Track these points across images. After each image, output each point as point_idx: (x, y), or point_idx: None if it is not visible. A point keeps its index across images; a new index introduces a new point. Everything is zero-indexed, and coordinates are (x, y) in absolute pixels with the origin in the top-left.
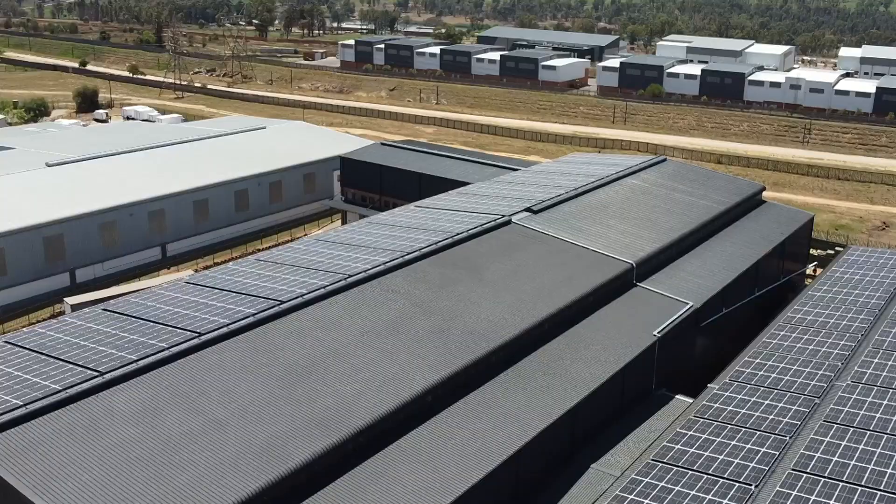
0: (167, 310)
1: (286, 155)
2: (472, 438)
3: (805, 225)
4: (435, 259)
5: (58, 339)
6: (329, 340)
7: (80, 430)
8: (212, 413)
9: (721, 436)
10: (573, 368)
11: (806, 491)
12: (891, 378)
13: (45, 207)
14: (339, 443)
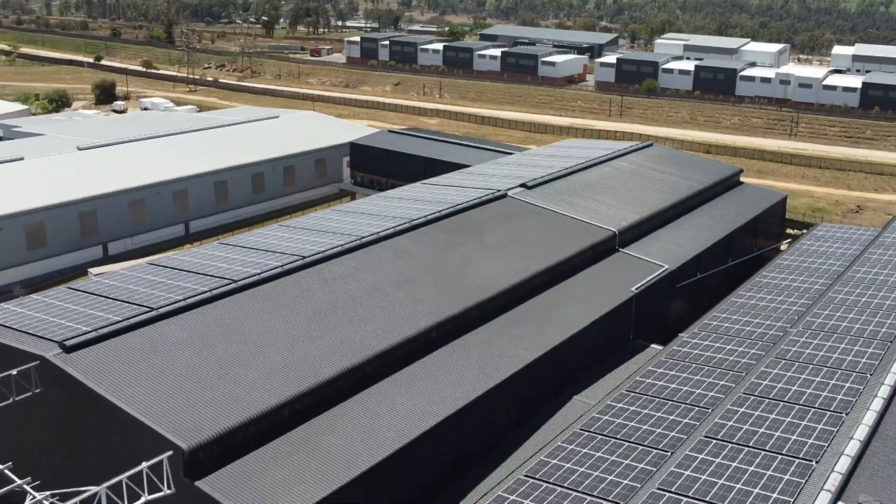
0: (205, 263)
1: (298, 141)
2: (470, 367)
3: (778, 204)
4: (438, 225)
5: (112, 286)
6: (346, 289)
7: (143, 351)
8: (252, 341)
9: (687, 372)
10: (559, 315)
11: (752, 408)
12: (836, 325)
13: (80, 186)
14: (358, 364)
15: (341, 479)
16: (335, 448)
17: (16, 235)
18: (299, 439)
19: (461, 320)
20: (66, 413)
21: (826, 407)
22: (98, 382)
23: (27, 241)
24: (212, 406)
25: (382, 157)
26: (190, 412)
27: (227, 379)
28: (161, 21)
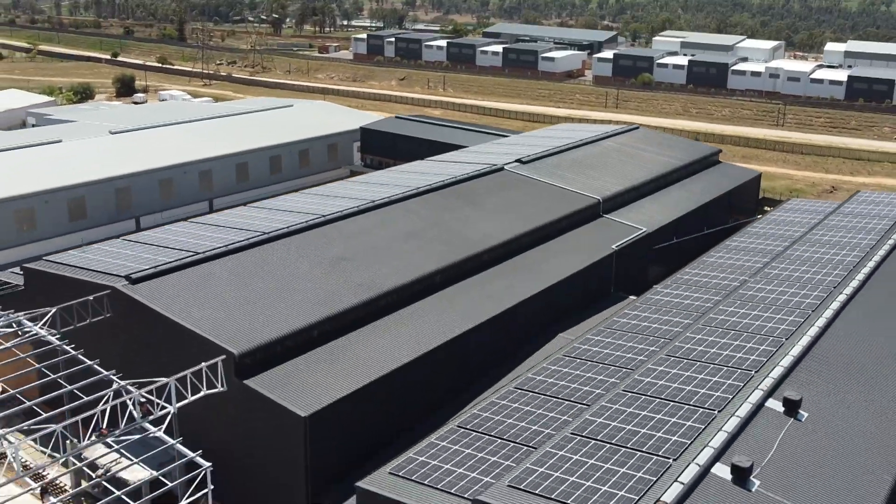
0: (237, 220)
1: (312, 128)
2: (469, 303)
3: (752, 180)
4: (441, 192)
5: (161, 237)
6: (362, 241)
7: (193, 283)
8: (282, 278)
9: (657, 312)
10: (547, 266)
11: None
12: (786, 276)
13: (115, 165)
14: (374, 297)
15: (362, 381)
16: (357, 359)
17: (59, 208)
18: (326, 353)
19: (461, 267)
20: (136, 332)
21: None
22: (161, 306)
23: (69, 213)
24: (254, 324)
25: (391, 140)
26: (237, 328)
27: (264, 305)
28: (170, 20)
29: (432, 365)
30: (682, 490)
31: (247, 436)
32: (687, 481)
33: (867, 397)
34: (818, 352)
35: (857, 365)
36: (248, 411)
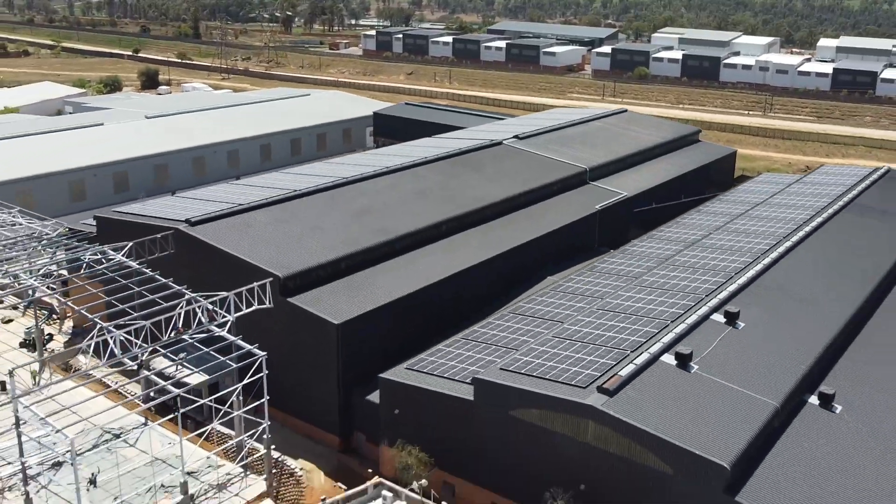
0: (271, 182)
1: (328, 114)
2: (470, 248)
3: (728, 156)
4: (446, 161)
5: (206, 194)
6: (378, 198)
7: (241, 226)
8: (314, 224)
9: (631, 259)
10: (539, 221)
11: (671, 271)
12: (744, 230)
13: (153, 145)
14: (390, 240)
15: (381, 302)
16: (376, 285)
17: (106, 181)
18: (351, 280)
19: (464, 220)
20: (195, 264)
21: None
22: (218, 242)
23: (115, 186)
24: (293, 256)
25: (401, 124)
26: (279, 258)
27: (300, 243)
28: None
29: (439, 293)
30: (635, 369)
31: (289, 343)
32: (639, 363)
33: (793, 312)
34: (760, 282)
35: (791, 291)
36: (290, 323)
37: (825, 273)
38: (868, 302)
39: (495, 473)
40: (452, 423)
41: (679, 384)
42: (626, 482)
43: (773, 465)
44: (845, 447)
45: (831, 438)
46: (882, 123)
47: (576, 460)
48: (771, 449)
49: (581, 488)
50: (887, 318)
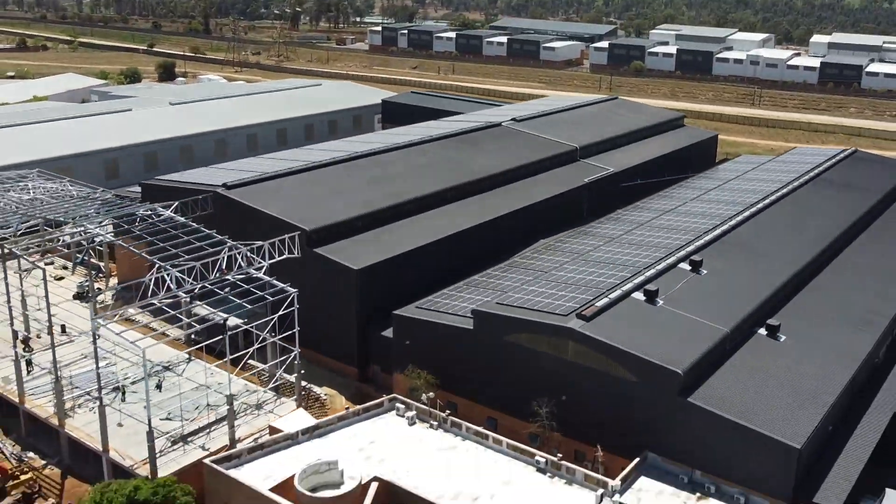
0: (294, 155)
1: (339, 102)
2: (471, 211)
3: (709, 139)
4: (450, 139)
5: (237, 165)
6: (391, 169)
7: (271, 190)
8: (334, 189)
9: (615, 223)
10: (533, 191)
11: (649, 231)
12: (717, 199)
13: (179, 128)
14: (401, 202)
15: (393, 253)
16: (389, 240)
17: (137, 160)
18: (367, 236)
19: (466, 189)
20: (231, 222)
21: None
22: (251, 202)
23: (144, 164)
24: (317, 214)
25: (408, 110)
26: (305, 215)
27: (323, 204)
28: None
29: (444, 248)
30: (609, 302)
31: (314, 288)
32: (612, 298)
33: (751, 263)
34: (725, 239)
35: (750, 247)
36: (315, 270)
37: (783, 234)
38: (818, 258)
39: (491, 391)
40: (455, 350)
41: (646, 314)
42: (599, 391)
43: (722, 376)
44: (785, 366)
45: (774, 359)
46: (866, 114)
47: (558, 375)
48: (722, 365)
49: (563, 398)
50: (834, 272)
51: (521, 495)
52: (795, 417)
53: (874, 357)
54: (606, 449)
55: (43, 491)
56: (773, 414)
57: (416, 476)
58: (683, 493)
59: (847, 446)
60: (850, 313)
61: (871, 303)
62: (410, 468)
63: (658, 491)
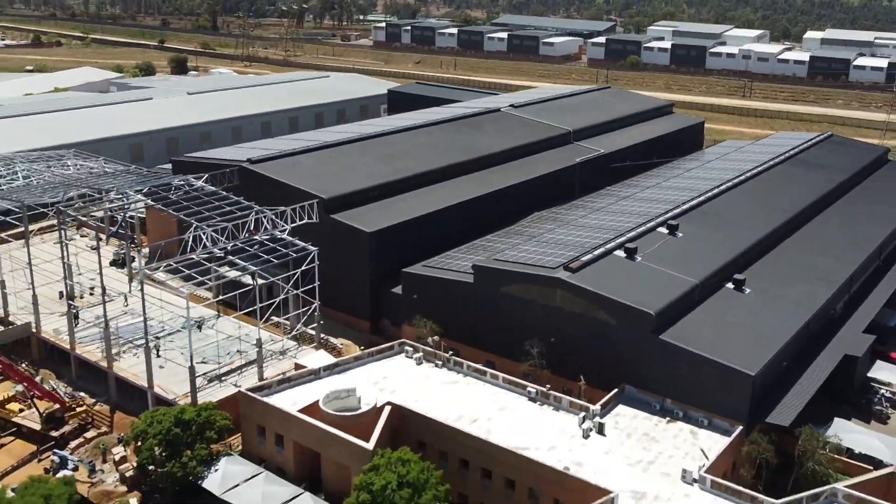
0: (310, 136)
1: (347, 92)
2: (471, 186)
3: (696, 125)
4: (452, 123)
5: (259, 144)
6: (398, 148)
7: (291, 165)
8: (347, 165)
9: (603, 197)
10: (529, 168)
11: (634, 203)
12: (699, 175)
13: (197, 115)
14: (408, 176)
15: (402, 219)
16: (398, 208)
17: (159, 144)
18: (379, 205)
19: (467, 165)
20: (255, 193)
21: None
22: (274, 174)
23: (166, 149)
24: (333, 185)
25: (412, 100)
26: (323, 186)
27: (339, 177)
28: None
29: (447, 216)
30: (592, 257)
31: (331, 250)
32: (596, 254)
33: (723, 228)
34: (701, 208)
35: (724, 215)
36: (332, 234)
37: (755, 205)
38: (786, 226)
39: (489, 337)
40: (457, 301)
41: (625, 268)
42: (583, 332)
43: (691, 319)
44: (746, 313)
45: (738, 307)
46: (852, 105)
47: (547, 320)
48: (691, 311)
49: (552, 340)
50: (800, 239)
51: (515, 418)
52: (752, 352)
53: (830, 309)
54: (589, 383)
55: (95, 422)
56: (732, 349)
57: (424, 403)
58: (655, 417)
59: (799, 380)
60: (810, 272)
61: (831, 265)
62: (418, 398)
63: (633, 416)
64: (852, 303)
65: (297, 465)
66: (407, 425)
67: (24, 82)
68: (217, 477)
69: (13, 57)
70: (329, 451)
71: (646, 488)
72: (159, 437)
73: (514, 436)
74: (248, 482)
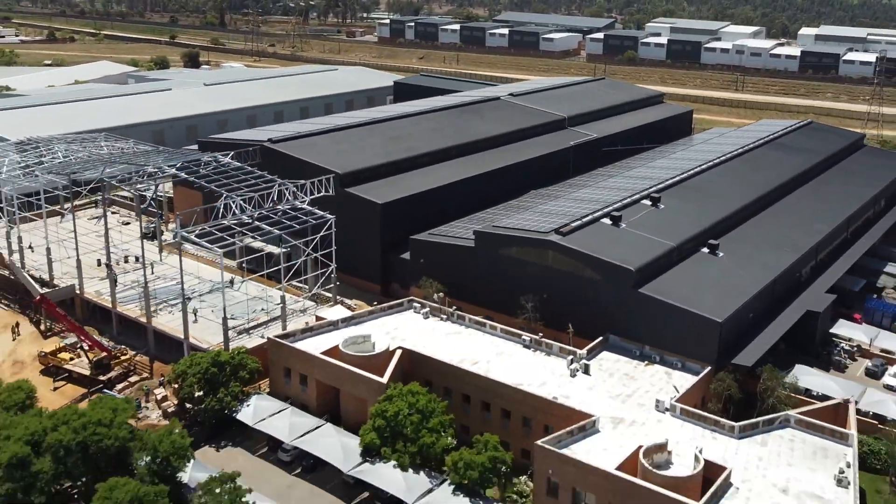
0: (321, 121)
1: (354, 84)
2: (473, 165)
3: (685, 113)
4: (455, 109)
5: (278, 127)
6: (406, 130)
7: (308, 144)
8: (359, 145)
9: (590, 178)
10: (526, 151)
11: (622, 180)
12: (683, 156)
13: (214, 105)
14: (416, 155)
15: (409, 193)
16: (406, 183)
17: (179, 131)
18: (388, 180)
19: (469, 147)
20: (275, 170)
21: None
22: (293, 152)
23: (186, 135)
24: (346, 161)
25: (418, 91)
26: (338, 162)
27: (352, 154)
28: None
29: (451, 191)
30: (581, 223)
31: (345, 221)
32: (584, 221)
33: (702, 201)
34: (683, 184)
35: (704, 190)
36: (347, 206)
37: (732, 182)
38: (760, 200)
39: (488, 295)
40: (460, 264)
41: (611, 233)
42: (571, 288)
43: (668, 276)
44: (718, 272)
45: (711, 268)
46: (841, 98)
47: (540, 279)
48: (669, 270)
49: (544, 296)
50: (773, 212)
51: (511, 361)
52: (721, 303)
53: (796, 273)
54: (577, 334)
55: (137, 369)
56: (703, 301)
57: (430, 349)
58: (635, 361)
59: (764, 331)
60: (780, 240)
61: (799, 235)
62: (425, 345)
63: (615, 360)
64: (819, 269)
65: (319, 401)
66: (415, 366)
67: (46, 75)
68: (249, 411)
69: (30, 52)
70: (348, 386)
71: (623, 415)
72: (198, 377)
73: (510, 375)
74: (276, 415)
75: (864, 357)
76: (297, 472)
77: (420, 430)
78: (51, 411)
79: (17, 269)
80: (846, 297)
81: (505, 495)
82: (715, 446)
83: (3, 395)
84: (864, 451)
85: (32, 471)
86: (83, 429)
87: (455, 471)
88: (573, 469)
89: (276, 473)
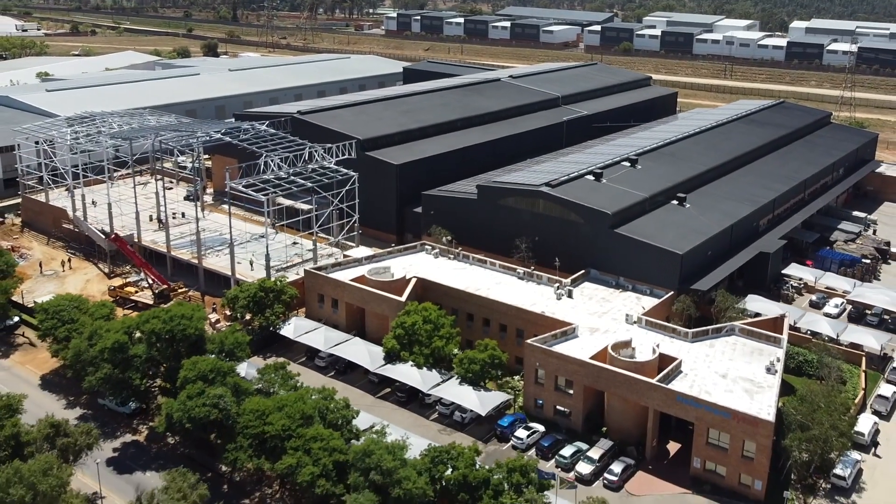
0: (342, 97)
1: (366, 70)
2: (476, 135)
3: (670, 95)
4: (459, 89)
5: (302, 103)
6: (416, 105)
7: (332, 115)
8: (377, 116)
9: (579, 149)
10: (522, 124)
11: (608, 148)
12: (663, 129)
13: (239, 87)
14: (425, 125)
15: (420, 156)
16: (418, 149)
17: (209, 111)
18: (402, 147)
19: (472, 120)
20: (305, 138)
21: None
22: (321, 122)
23: (215, 114)
24: (367, 129)
25: (426, 76)
26: (359, 130)
27: (371, 124)
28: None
29: (457, 156)
30: (568, 178)
31: (366, 181)
32: (571, 176)
33: (674, 163)
34: (659, 151)
35: (677, 155)
36: (368, 168)
37: (705, 149)
38: (727, 164)
39: (488, 240)
40: (464, 214)
41: (593, 187)
42: (558, 231)
43: (640, 221)
44: (684, 218)
45: (678, 216)
46: (824, 86)
47: (533, 224)
48: (641, 217)
49: (535, 238)
50: (738, 174)
51: (507, 289)
52: (683, 240)
53: (753, 222)
54: (562, 270)
55: (192, 300)
56: (669, 238)
57: (440, 279)
58: (610, 289)
59: (722, 266)
60: (740, 196)
61: (758, 192)
62: (436, 276)
63: (595, 288)
64: (775, 222)
65: (348, 320)
66: (427, 292)
67: (79, 63)
68: (290, 328)
69: (57, 44)
70: (373, 305)
71: (599, 325)
72: (248, 300)
73: (506, 298)
74: (313, 331)
75: (810, 293)
76: (331, 375)
77: (432, 337)
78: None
79: (82, 222)
80: (802, 248)
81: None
82: (672, 346)
83: (94, 309)
84: (801, 361)
85: (129, 354)
86: (170, 320)
87: (461, 365)
88: (555, 360)
89: (314, 376)
